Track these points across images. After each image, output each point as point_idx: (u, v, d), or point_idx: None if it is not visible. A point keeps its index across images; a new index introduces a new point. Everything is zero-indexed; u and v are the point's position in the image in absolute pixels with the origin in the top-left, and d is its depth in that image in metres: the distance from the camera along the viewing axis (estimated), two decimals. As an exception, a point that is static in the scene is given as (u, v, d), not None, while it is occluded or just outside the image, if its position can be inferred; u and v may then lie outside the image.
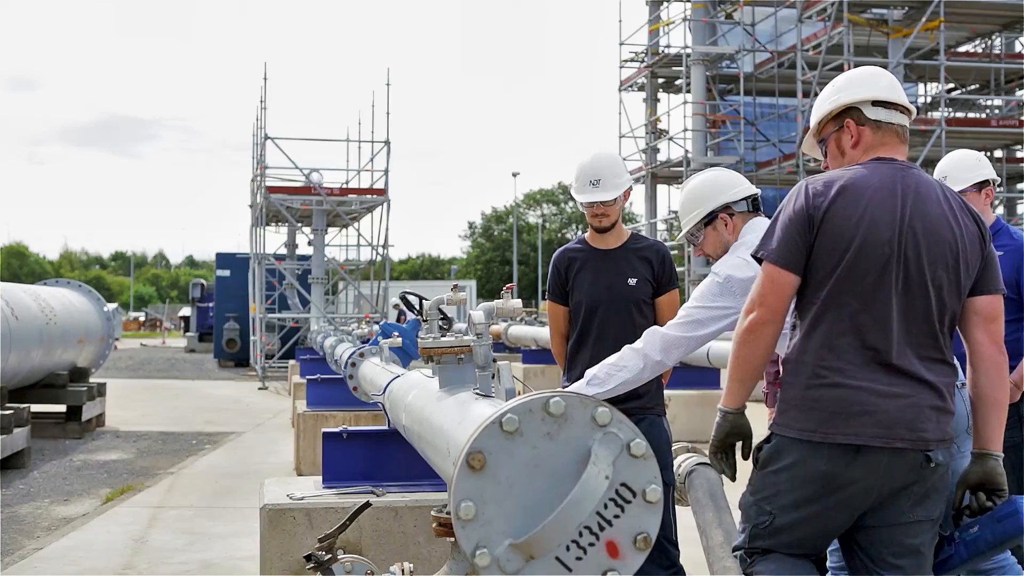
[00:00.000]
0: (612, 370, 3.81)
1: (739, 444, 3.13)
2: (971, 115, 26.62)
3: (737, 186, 4.03)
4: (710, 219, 4.01)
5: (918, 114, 26.01)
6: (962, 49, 25.50)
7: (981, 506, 3.04)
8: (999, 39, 25.23)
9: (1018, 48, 26.35)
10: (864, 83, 3.14)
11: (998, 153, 24.70)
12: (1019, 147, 25.64)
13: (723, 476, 3.24)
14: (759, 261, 3.05)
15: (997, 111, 25.90)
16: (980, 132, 22.98)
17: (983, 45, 25.81)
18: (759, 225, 3.82)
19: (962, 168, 4.78)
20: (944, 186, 3.09)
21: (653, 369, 3.84)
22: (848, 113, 3.12)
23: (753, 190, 4.07)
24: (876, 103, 3.09)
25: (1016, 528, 2.98)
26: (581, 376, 4.49)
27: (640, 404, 4.43)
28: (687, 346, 3.79)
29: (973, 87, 26.04)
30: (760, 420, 3.34)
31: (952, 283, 2.96)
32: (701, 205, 4.04)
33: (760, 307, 2.98)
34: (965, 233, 2.98)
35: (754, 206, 4.03)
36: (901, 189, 2.96)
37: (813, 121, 3.26)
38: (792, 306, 3.04)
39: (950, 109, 25.93)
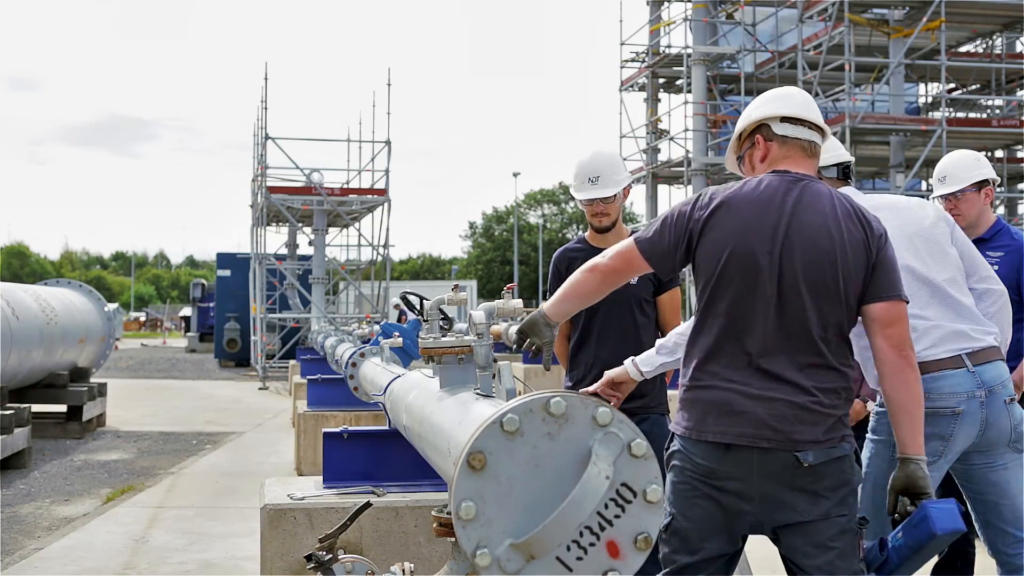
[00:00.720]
0: (680, 339, 3.80)
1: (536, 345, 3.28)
2: (972, 115, 26.59)
3: (828, 151, 3.94)
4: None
5: (918, 114, 26.11)
6: (963, 49, 25.46)
7: (903, 511, 3.11)
8: (1000, 39, 25.19)
9: (1019, 48, 26.31)
10: (776, 101, 3.28)
11: (999, 153, 24.66)
12: (1020, 147, 25.60)
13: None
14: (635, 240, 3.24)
15: (998, 111, 25.85)
16: (981, 132, 22.93)
17: (984, 45, 25.77)
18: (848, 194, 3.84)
19: (961, 168, 4.77)
20: (838, 196, 3.16)
21: None
22: (760, 130, 3.26)
23: (846, 157, 4.04)
24: (785, 119, 3.22)
25: (927, 534, 3.02)
26: (583, 376, 4.50)
27: (643, 403, 4.43)
28: None
29: (974, 87, 26.00)
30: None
31: (832, 291, 3.03)
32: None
33: (610, 259, 3.23)
34: (848, 241, 3.05)
35: (844, 174, 4.01)
36: (782, 201, 3.08)
37: (732, 139, 3.40)
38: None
39: (951, 109, 25.91)
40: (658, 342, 3.88)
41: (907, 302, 3.13)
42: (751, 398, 2.99)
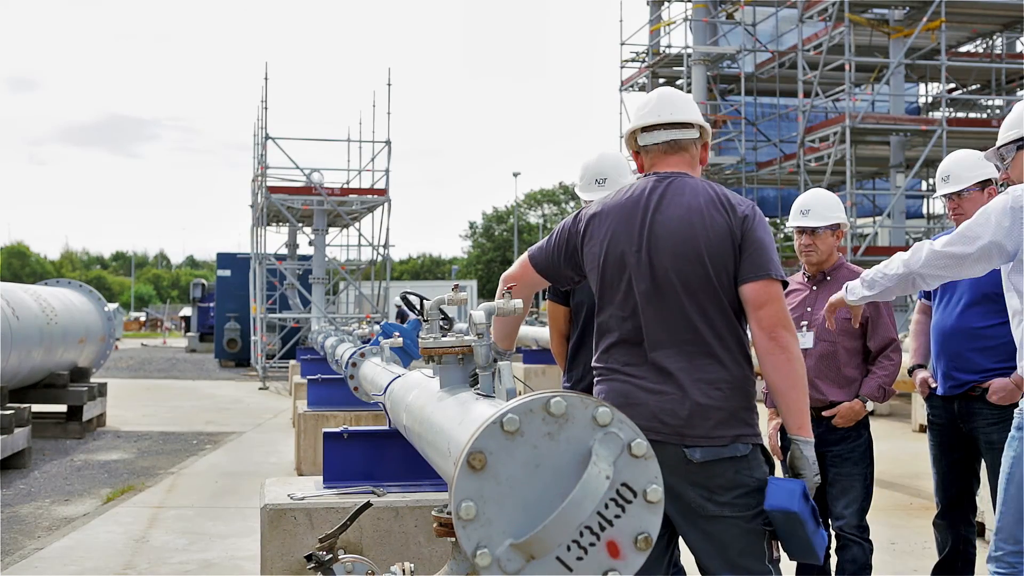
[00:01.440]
0: (877, 275, 3.87)
1: None
2: (972, 115, 26.60)
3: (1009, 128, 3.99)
4: (1022, 145, 3.98)
5: (919, 114, 26.11)
6: (963, 49, 25.48)
7: None
8: (1000, 39, 25.21)
9: (1019, 48, 26.32)
10: (634, 115, 3.42)
11: (999, 153, 24.67)
12: (1020, 147, 25.61)
13: None
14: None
15: (998, 111, 25.86)
16: (981, 132, 22.91)
17: (984, 45, 25.79)
18: None
19: (964, 167, 4.77)
20: (705, 187, 3.21)
21: (904, 282, 3.79)
22: (633, 144, 3.41)
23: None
24: (644, 129, 3.34)
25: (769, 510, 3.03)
26: (582, 377, 4.50)
27: None
28: (946, 264, 3.69)
29: (974, 87, 26.02)
30: (761, 420, 3.35)
31: (702, 278, 3.09)
32: (1018, 126, 4.01)
33: (512, 267, 3.60)
34: (710, 227, 3.11)
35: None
36: (646, 200, 3.20)
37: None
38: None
39: (951, 109, 25.93)
40: (865, 272, 3.97)
41: (780, 281, 3.12)
42: (646, 391, 3.11)
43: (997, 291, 4.59)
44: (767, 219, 3.61)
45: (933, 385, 4.81)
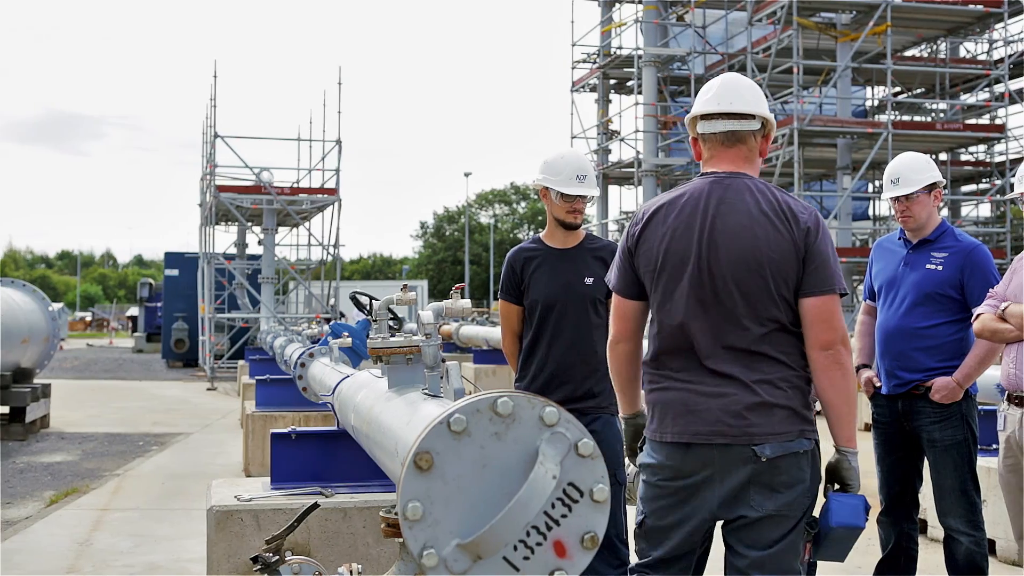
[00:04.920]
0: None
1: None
2: (917, 118, 27.00)
3: None
4: None
5: (865, 117, 26.46)
6: (908, 53, 25.86)
7: (824, 496, 3.20)
8: (944, 44, 25.62)
9: (962, 53, 26.77)
10: (698, 100, 3.33)
11: (943, 156, 25.06)
12: (963, 150, 26.05)
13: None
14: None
15: (942, 115, 26.28)
16: (926, 135, 23.29)
17: (928, 50, 26.19)
18: None
19: (913, 170, 4.82)
20: (763, 190, 3.17)
21: None
22: (694, 129, 3.34)
23: None
24: (703, 117, 3.27)
25: (825, 526, 3.09)
26: (536, 376, 4.48)
27: (595, 403, 4.46)
28: None
29: (919, 91, 26.41)
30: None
31: (762, 289, 3.07)
32: None
33: (612, 327, 3.37)
34: (772, 239, 3.08)
35: None
36: (705, 203, 3.14)
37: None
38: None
39: (896, 112, 26.28)
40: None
41: (841, 295, 3.12)
42: (704, 396, 3.06)
43: (940, 291, 4.67)
44: None
45: (878, 384, 4.87)
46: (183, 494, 8.80)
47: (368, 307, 4.64)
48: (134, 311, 47.81)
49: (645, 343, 3.34)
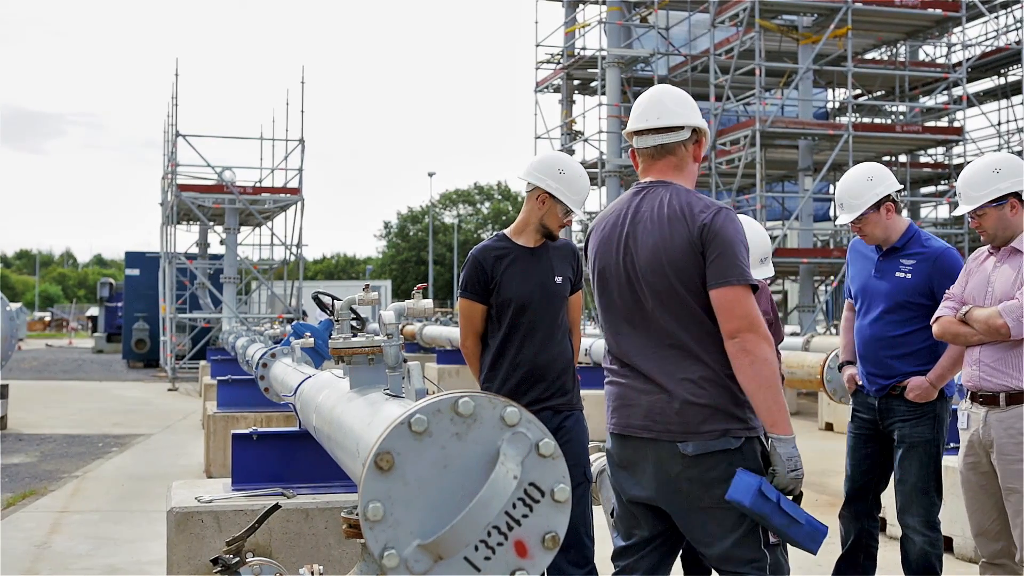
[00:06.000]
0: None
1: None
2: (877, 120, 27.26)
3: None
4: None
5: (826, 118, 26.67)
6: (869, 56, 26.08)
7: None
8: (904, 47, 25.88)
9: (922, 56, 27.06)
10: (630, 118, 3.47)
11: (903, 158, 25.32)
12: (922, 152, 26.33)
13: None
14: None
15: (902, 117, 26.55)
16: (885, 137, 23.50)
17: (889, 53, 26.44)
18: None
19: (854, 195, 4.80)
20: (674, 196, 3.26)
21: None
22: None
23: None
24: (636, 133, 3.41)
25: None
26: (508, 376, 4.43)
27: (567, 400, 4.47)
28: None
29: (879, 93, 26.66)
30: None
31: (670, 289, 3.20)
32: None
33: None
34: (671, 239, 3.20)
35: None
36: (625, 212, 3.33)
37: None
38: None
39: (857, 115, 26.50)
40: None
41: (745, 285, 3.14)
42: (639, 392, 3.26)
43: (910, 299, 4.71)
44: None
45: (859, 383, 4.94)
46: (143, 496, 8.72)
47: (331, 307, 4.62)
48: (94, 311, 47.31)
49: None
